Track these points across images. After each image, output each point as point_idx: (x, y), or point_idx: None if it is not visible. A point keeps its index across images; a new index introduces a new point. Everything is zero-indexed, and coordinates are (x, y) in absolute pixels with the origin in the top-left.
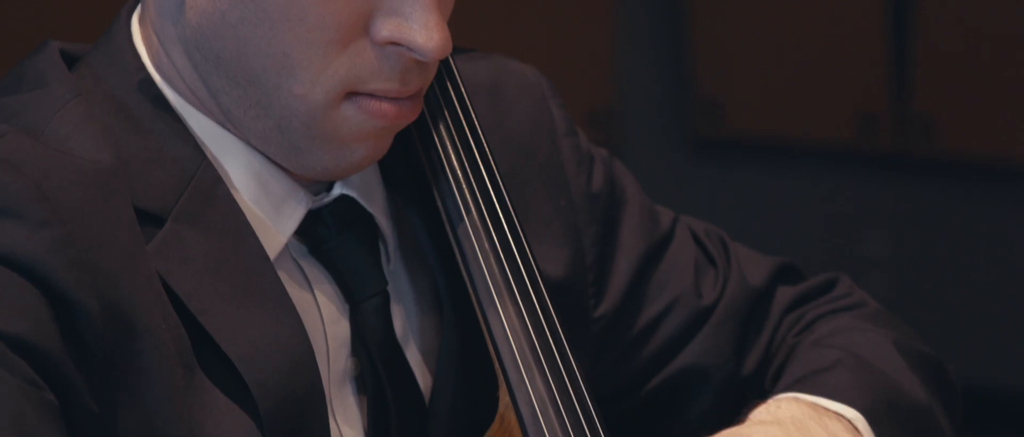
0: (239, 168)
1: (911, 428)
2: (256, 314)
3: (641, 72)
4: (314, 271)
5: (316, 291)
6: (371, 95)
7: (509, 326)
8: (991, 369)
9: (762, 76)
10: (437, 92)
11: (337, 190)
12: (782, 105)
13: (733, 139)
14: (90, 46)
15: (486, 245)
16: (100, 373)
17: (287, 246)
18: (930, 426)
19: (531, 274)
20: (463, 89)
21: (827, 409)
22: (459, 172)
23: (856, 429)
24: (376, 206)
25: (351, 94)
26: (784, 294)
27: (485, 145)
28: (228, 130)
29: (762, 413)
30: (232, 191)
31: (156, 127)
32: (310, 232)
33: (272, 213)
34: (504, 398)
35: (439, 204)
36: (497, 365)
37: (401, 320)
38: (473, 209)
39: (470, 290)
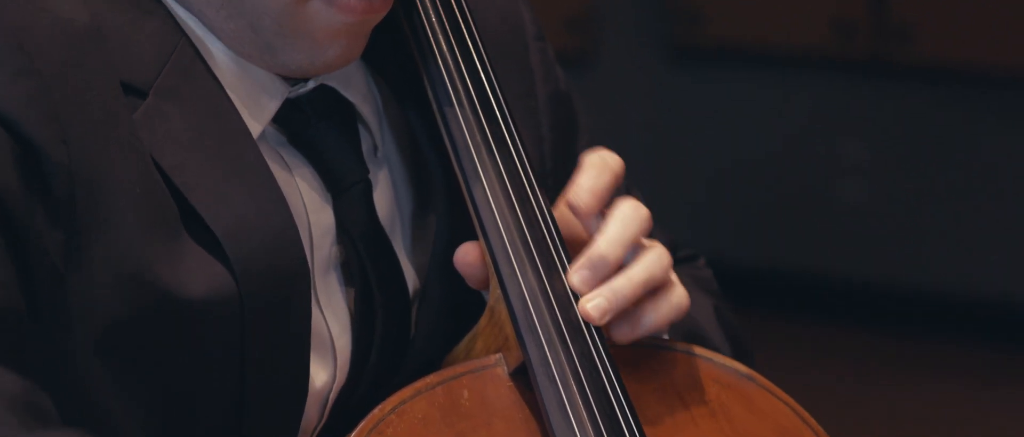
0: (218, 50)
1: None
2: (240, 190)
3: None
4: (294, 159)
5: (297, 178)
6: None
7: (500, 218)
8: (965, 274)
9: None
10: None
11: (314, 80)
12: (759, 12)
13: (710, 46)
14: None
15: (477, 135)
16: (65, 228)
17: (265, 133)
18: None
19: (523, 164)
20: None
21: None
22: (448, 55)
23: None
24: (356, 94)
25: None
26: None
27: (474, 28)
28: (205, 23)
29: None
30: (213, 68)
31: (135, 3)
32: (288, 120)
33: (250, 99)
34: (495, 291)
35: (428, 90)
36: (488, 257)
37: (390, 209)
38: (462, 95)
39: (461, 180)
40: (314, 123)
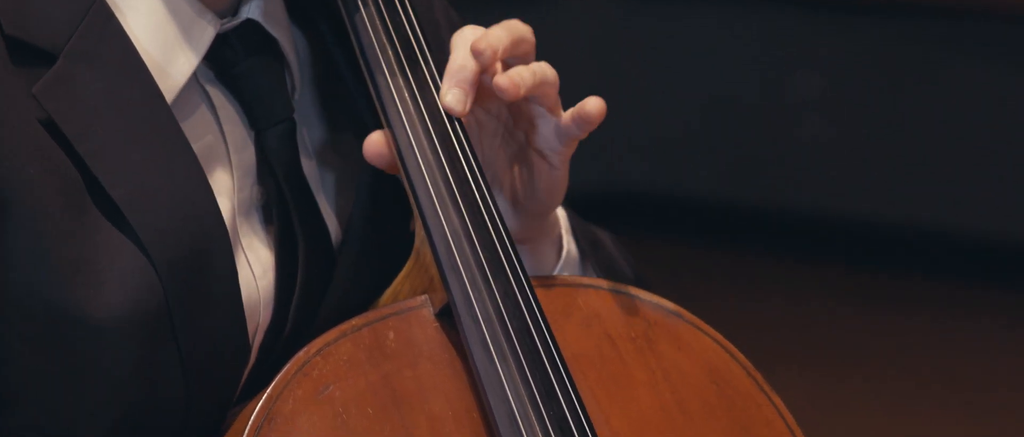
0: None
1: (602, 261)
2: (148, 156)
3: None
4: (220, 97)
5: (222, 117)
6: None
7: (424, 160)
8: (926, 208)
9: None
10: None
11: (243, 15)
12: None
13: None
14: None
15: (400, 81)
16: None
17: (197, 72)
18: (618, 271)
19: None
20: None
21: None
22: (372, 6)
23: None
24: (281, 32)
25: None
26: None
27: None
28: None
29: None
30: (128, 28)
31: None
32: (218, 56)
33: (180, 38)
34: (420, 233)
35: (353, 39)
36: (412, 198)
37: (314, 150)
38: (385, 41)
39: (384, 123)
40: (242, 60)
